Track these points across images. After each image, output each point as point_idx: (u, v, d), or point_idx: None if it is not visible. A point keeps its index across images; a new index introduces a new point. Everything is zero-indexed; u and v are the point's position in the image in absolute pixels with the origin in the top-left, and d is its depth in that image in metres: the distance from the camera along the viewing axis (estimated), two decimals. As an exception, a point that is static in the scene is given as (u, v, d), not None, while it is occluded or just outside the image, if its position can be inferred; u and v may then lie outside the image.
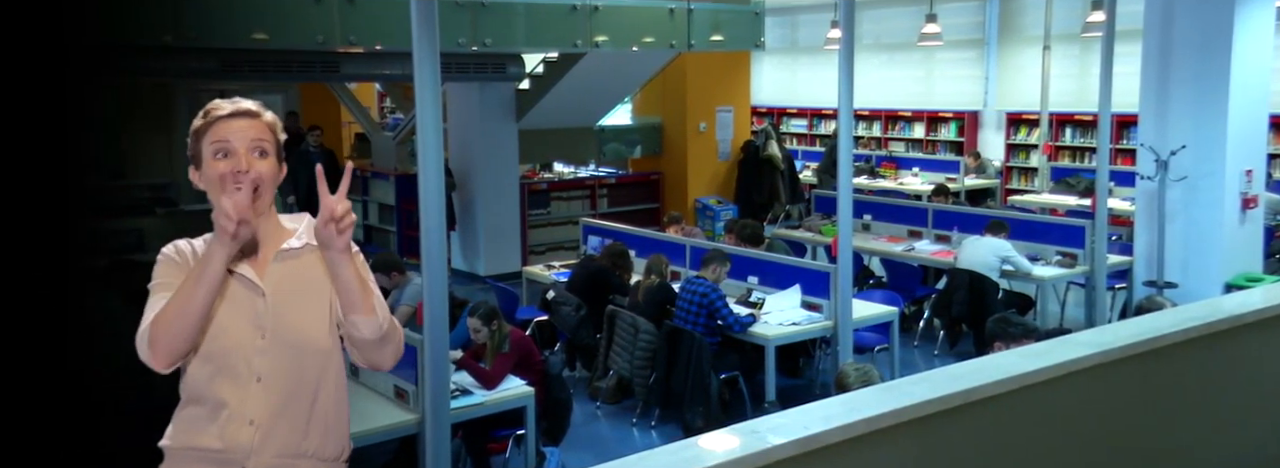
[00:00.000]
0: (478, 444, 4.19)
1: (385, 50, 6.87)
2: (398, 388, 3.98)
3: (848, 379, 3.28)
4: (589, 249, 7.09)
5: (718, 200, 9.94)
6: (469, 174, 8.61)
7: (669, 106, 10.12)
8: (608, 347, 5.35)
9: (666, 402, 5.08)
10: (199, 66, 6.51)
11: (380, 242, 9.55)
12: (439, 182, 3.54)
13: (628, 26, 7.62)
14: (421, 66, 3.35)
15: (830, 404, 2.11)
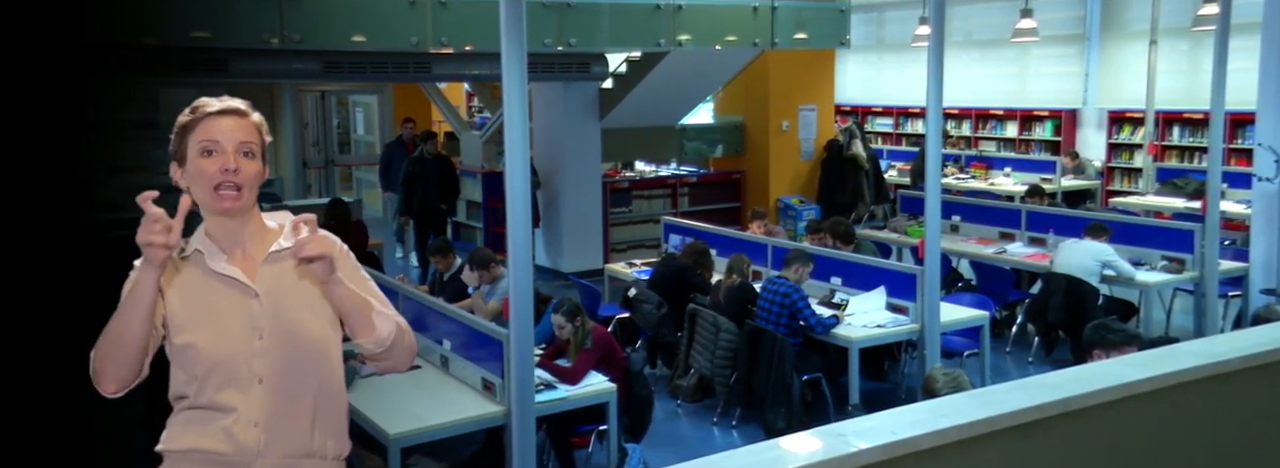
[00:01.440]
0: (562, 438, 4.26)
1: (474, 51, 7.04)
2: (485, 381, 4.09)
3: (936, 384, 3.21)
4: (670, 248, 7.11)
5: (800, 200, 9.82)
6: (553, 172, 8.75)
7: (751, 105, 10.05)
8: (688, 345, 5.36)
9: (748, 402, 5.06)
10: (303, 68, 6.81)
11: (467, 238, 9.80)
12: (525, 180, 3.62)
13: (711, 25, 7.61)
14: (509, 66, 3.42)
15: (919, 409, 2.07)
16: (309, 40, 6.05)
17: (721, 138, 10.07)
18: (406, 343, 1.86)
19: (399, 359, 1.86)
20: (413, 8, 6.41)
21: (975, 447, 1.94)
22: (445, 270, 5.85)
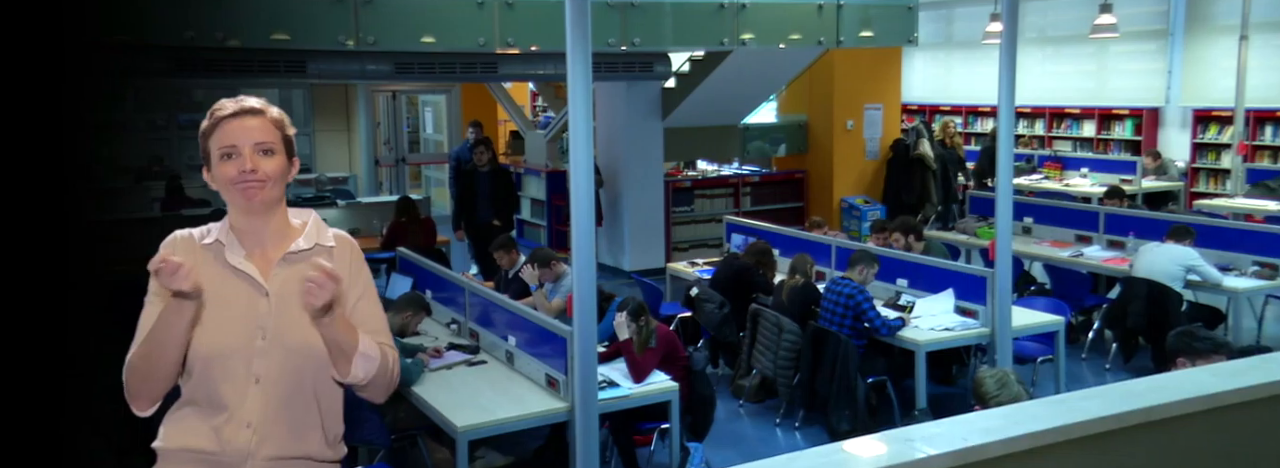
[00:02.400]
0: (624, 436, 4.30)
1: (540, 51, 7.13)
2: (549, 377, 4.15)
3: (984, 387, 3.12)
4: (732, 247, 7.08)
5: (865, 200, 9.67)
6: (615, 171, 8.80)
7: (815, 104, 9.93)
8: (751, 345, 5.34)
9: (811, 404, 5.02)
10: (376, 69, 7.00)
11: (531, 236, 9.94)
12: (589, 178, 3.65)
13: (775, 23, 7.55)
14: (574, 66, 3.44)
15: (991, 416, 2.02)
16: (382, 42, 6.22)
17: (785, 137, 9.98)
18: (384, 382, 1.84)
19: (376, 393, 1.85)
20: (480, 9, 6.53)
21: (1049, 456, 1.89)
22: (509, 268, 5.94)
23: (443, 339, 4.92)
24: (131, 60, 6.06)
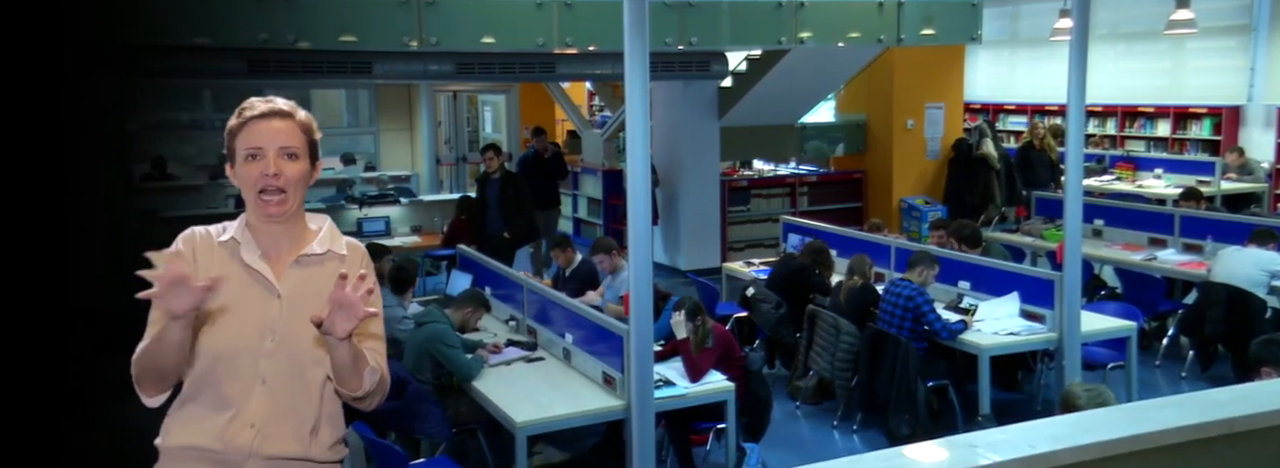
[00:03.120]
0: (680, 434, 4.30)
1: (597, 51, 7.17)
2: (606, 375, 4.18)
3: (1078, 401, 3.04)
4: (789, 247, 7.03)
5: (925, 200, 9.49)
6: (672, 170, 8.81)
7: (874, 103, 9.79)
8: (808, 346, 5.30)
9: (870, 406, 4.95)
10: (438, 69, 7.14)
11: (587, 235, 10.01)
12: (646, 177, 3.66)
13: (834, 22, 7.46)
14: (631, 66, 3.46)
15: (1059, 423, 1.97)
16: (444, 42, 6.34)
17: (843, 136, 9.86)
18: (381, 392, 1.86)
19: (370, 404, 1.87)
20: (540, 9, 6.61)
21: (1120, 467, 1.83)
22: (566, 266, 6.00)
23: (501, 336, 5.00)
24: (210, 63, 6.29)
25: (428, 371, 4.29)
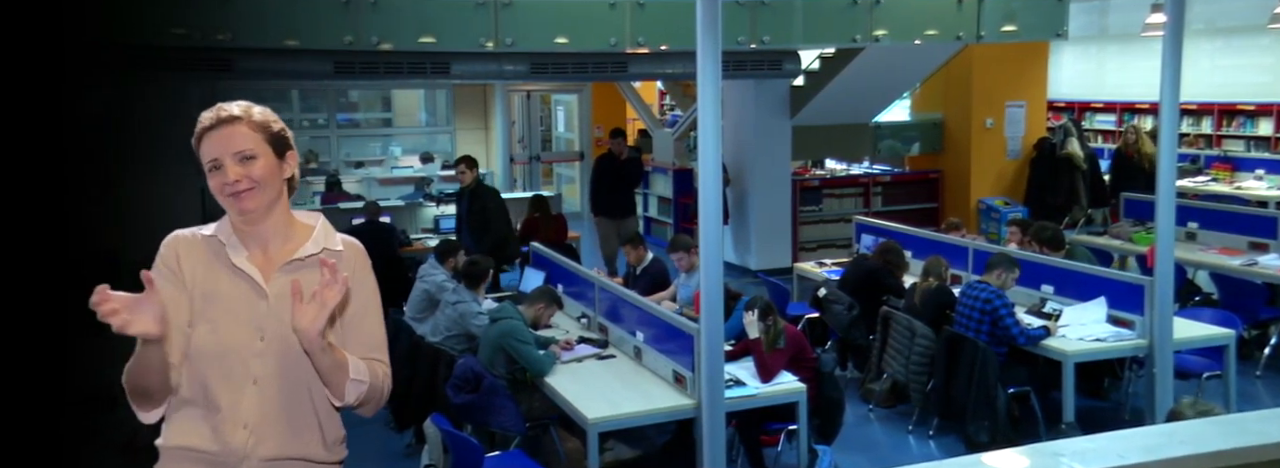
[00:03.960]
0: (751, 435, 4.29)
1: (669, 50, 7.19)
2: (677, 373, 4.19)
3: (1183, 418, 2.91)
4: (862, 248, 6.93)
5: (1005, 201, 9.21)
6: (742, 169, 8.77)
7: (952, 101, 9.54)
8: (882, 349, 5.21)
9: (947, 412, 4.84)
10: (513, 69, 7.27)
11: (658, 234, 10.04)
12: (717, 177, 3.66)
13: (910, 19, 7.31)
14: (704, 65, 3.46)
15: (1152, 433, 1.89)
16: (519, 43, 6.46)
17: (918, 135, 9.65)
18: (375, 401, 1.84)
19: (367, 411, 1.87)
20: (613, 9, 6.66)
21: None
22: (637, 264, 6.04)
23: (573, 333, 5.06)
24: (298, 64, 6.55)
25: (502, 365, 4.38)
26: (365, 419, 5.81)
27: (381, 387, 1.83)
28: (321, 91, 11.91)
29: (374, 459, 4.80)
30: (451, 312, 4.95)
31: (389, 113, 13.14)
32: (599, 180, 8.09)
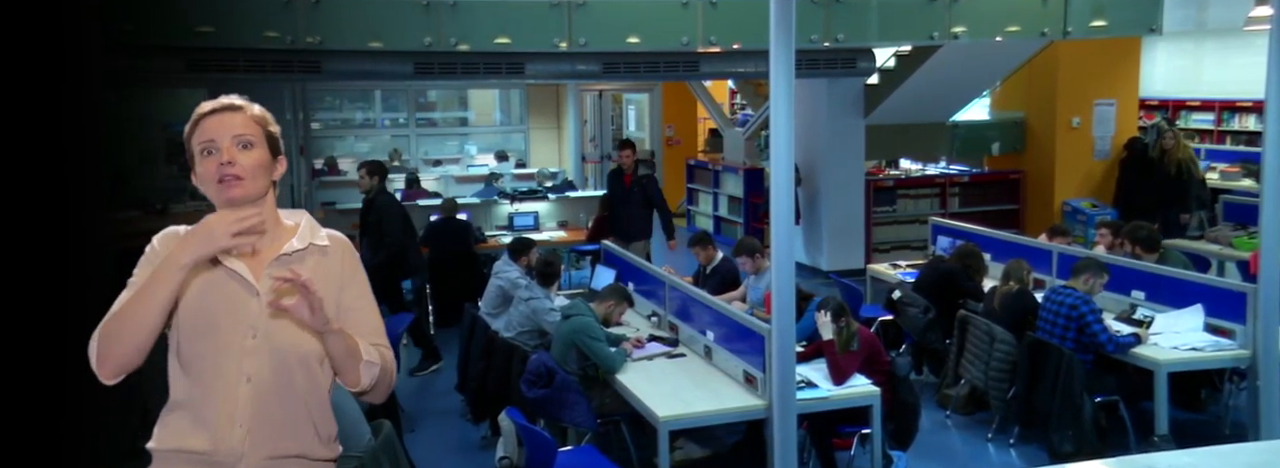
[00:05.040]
0: (823, 438, 4.24)
1: (741, 49, 7.15)
2: (747, 373, 4.17)
3: None
4: (938, 250, 6.77)
5: (1092, 203, 8.87)
6: (814, 169, 8.66)
7: (1035, 100, 9.23)
8: (959, 354, 5.08)
9: (1028, 420, 4.69)
10: (585, 69, 7.34)
11: (728, 234, 10.00)
12: (789, 176, 3.62)
13: (991, 15, 7.10)
14: (777, 64, 3.42)
15: (1259, 450, 1.80)
16: (592, 43, 6.51)
17: (999, 135, 9.36)
18: (386, 382, 1.84)
19: (376, 396, 1.87)
20: (685, 9, 6.66)
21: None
22: (706, 263, 6.02)
23: (644, 331, 5.08)
24: (381, 65, 6.76)
25: (573, 362, 4.43)
26: (444, 410, 5.94)
27: (391, 369, 1.84)
28: (402, 92, 12.26)
29: (452, 450, 4.91)
30: (524, 308, 5.02)
31: (465, 112, 13.43)
32: (609, 199, 7.42)
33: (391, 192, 6.56)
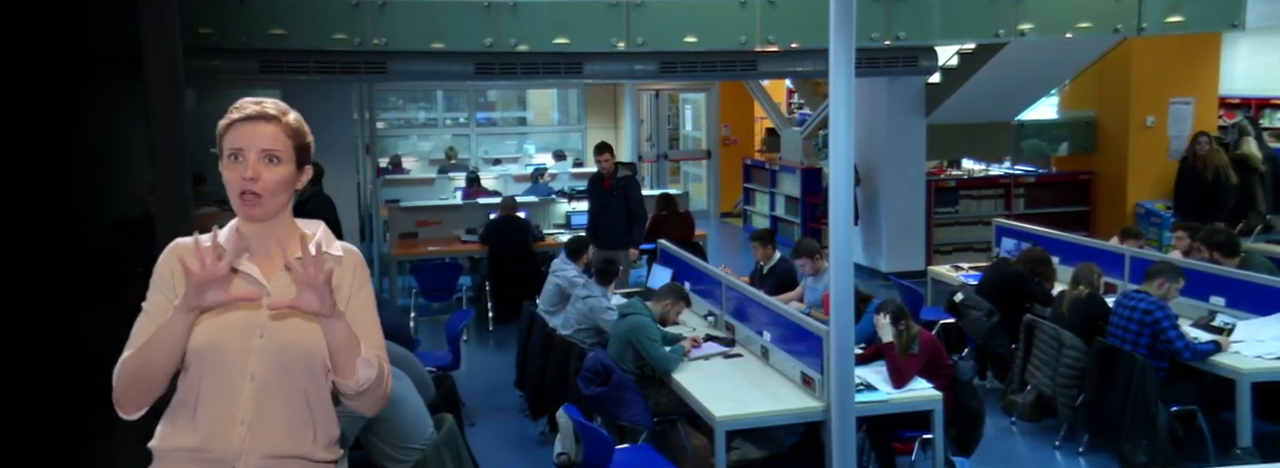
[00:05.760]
0: (883, 442, 4.17)
1: (800, 48, 7.08)
2: (805, 375, 4.13)
3: None
4: (1003, 252, 6.61)
5: (1166, 205, 8.54)
6: (873, 169, 8.54)
7: (1107, 98, 8.93)
8: (1025, 359, 4.95)
9: (1099, 428, 4.54)
10: (643, 68, 7.36)
11: (786, 233, 9.92)
12: (848, 176, 3.55)
13: (1060, 11, 6.90)
14: (836, 62, 3.36)
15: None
16: (650, 42, 6.53)
17: (1067, 134, 9.10)
18: (380, 392, 1.82)
19: (368, 405, 1.83)
20: (743, 8, 6.63)
21: None
22: (764, 261, 5.98)
23: (700, 330, 5.08)
24: (443, 65, 6.88)
25: (630, 360, 4.45)
26: (503, 406, 6.01)
27: (386, 378, 1.81)
28: (463, 92, 12.47)
29: (511, 445, 4.98)
30: (582, 306, 5.07)
31: (524, 112, 13.60)
32: (590, 205, 6.99)
33: (326, 194, 6.34)
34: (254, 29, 5.96)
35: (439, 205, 8.41)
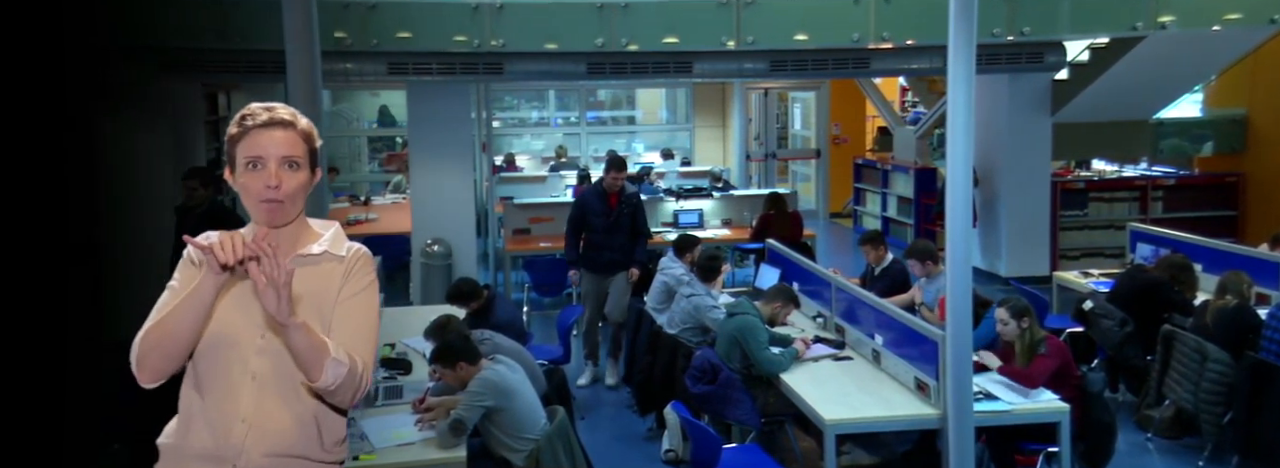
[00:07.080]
0: (1004, 454, 3.99)
1: (915, 45, 6.87)
2: (919, 381, 4.00)
3: None
4: (1138, 258, 6.21)
5: (1326, 210, 7.83)
6: (993, 170, 8.18)
7: (1260, 95, 8.26)
8: (1162, 371, 4.63)
9: (1248, 449, 4.19)
10: (752, 67, 7.31)
11: (898, 235, 9.64)
12: (967, 177, 3.42)
13: (1206, 1, 6.41)
14: (956, 60, 3.24)
15: None
16: (760, 41, 6.47)
17: (1212, 134, 8.47)
18: (351, 389, 1.77)
19: (340, 400, 1.80)
20: (857, 5, 6.48)
21: None
22: (876, 264, 5.83)
23: (809, 332, 4.99)
24: (555, 65, 7.03)
25: (738, 360, 4.42)
26: (612, 401, 6.08)
27: (360, 374, 1.77)
28: (574, 91, 12.70)
29: (619, 441, 5.02)
30: (687, 305, 5.06)
31: (633, 111, 13.73)
32: (579, 221, 5.83)
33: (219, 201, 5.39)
34: (383, 33, 6.26)
35: (551, 202, 8.59)
